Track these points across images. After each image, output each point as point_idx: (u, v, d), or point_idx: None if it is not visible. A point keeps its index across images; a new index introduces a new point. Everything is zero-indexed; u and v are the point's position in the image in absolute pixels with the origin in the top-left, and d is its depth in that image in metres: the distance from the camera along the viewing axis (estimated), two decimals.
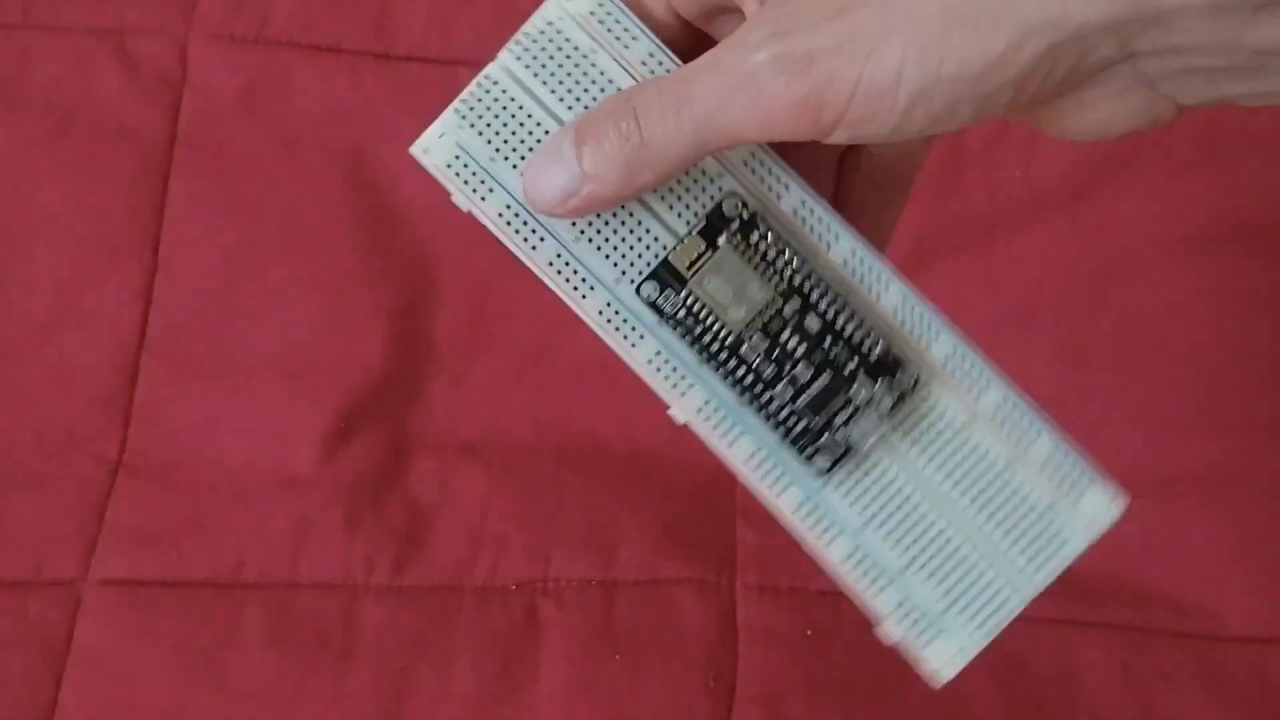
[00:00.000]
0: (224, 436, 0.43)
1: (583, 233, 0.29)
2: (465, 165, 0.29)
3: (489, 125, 0.29)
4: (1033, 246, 0.46)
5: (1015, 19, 0.24)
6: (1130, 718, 0.40)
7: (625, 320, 0.29)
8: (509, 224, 0.29)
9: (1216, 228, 0.46)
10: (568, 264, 0.29)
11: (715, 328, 0.29)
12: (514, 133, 0.29)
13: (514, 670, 0.39)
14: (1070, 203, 0.47)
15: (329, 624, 0.40)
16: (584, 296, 0.29)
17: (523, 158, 0.29)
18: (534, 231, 0.29)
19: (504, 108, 0.29)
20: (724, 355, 0.29)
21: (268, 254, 0.45)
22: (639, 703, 0.39)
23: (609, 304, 0.29)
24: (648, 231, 0.29)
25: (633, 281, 0.29)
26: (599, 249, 0.29)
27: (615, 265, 0.29)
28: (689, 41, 0.30)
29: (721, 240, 0.29)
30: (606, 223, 0.29)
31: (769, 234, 0.29)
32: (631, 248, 0.29)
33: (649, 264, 0.29)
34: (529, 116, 0.29)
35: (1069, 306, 0.45)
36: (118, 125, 0.46)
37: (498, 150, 0.29)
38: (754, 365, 0.29)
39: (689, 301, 0.29)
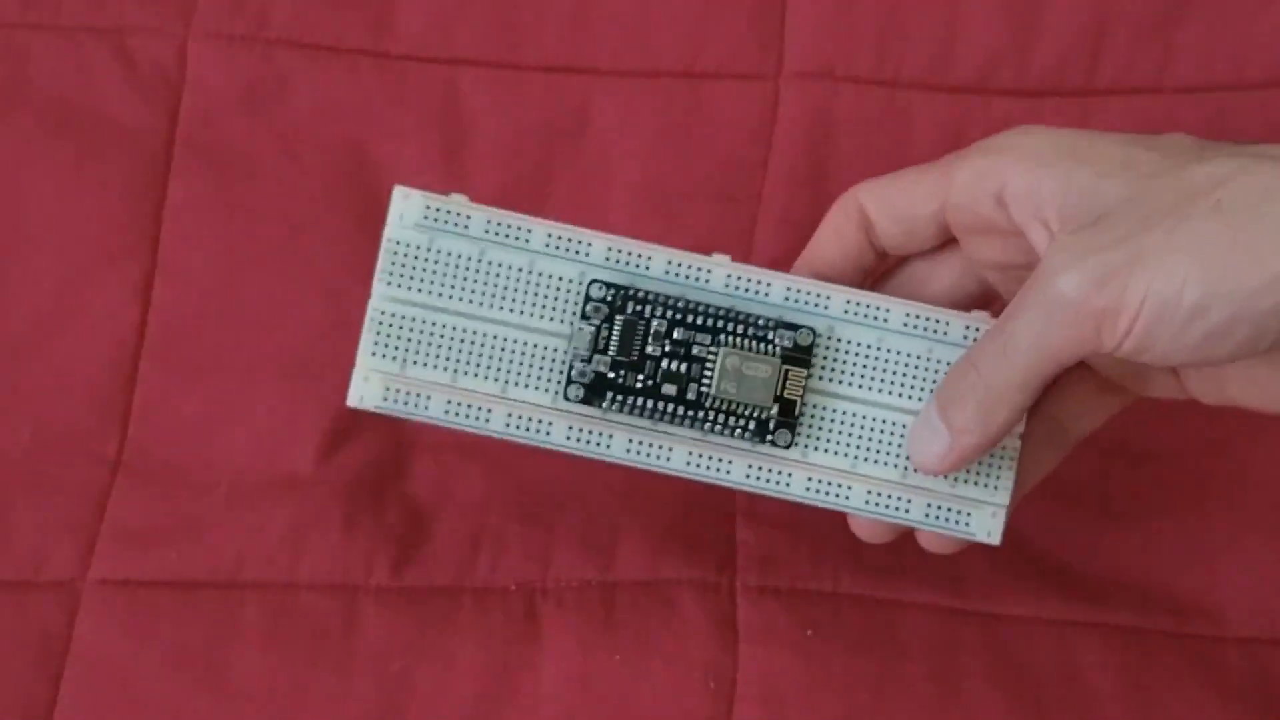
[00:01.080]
0: (224, 436, 0.43)
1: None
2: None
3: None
4: None
5: None
6: (1130, 718, 0.40)
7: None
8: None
9: None
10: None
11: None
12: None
13: (514, 670, 0.39)
14: None
15: (329, 624, 0.40)
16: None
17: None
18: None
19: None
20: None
21: (268, 254, 0.45)
22: (639, 703, 0.39)
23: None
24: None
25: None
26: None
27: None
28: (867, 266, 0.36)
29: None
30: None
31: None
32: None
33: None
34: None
35: None
36: (117, 125, 0.46)
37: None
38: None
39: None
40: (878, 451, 0.34)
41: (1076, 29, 0.47)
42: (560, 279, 0.33)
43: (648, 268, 0.33)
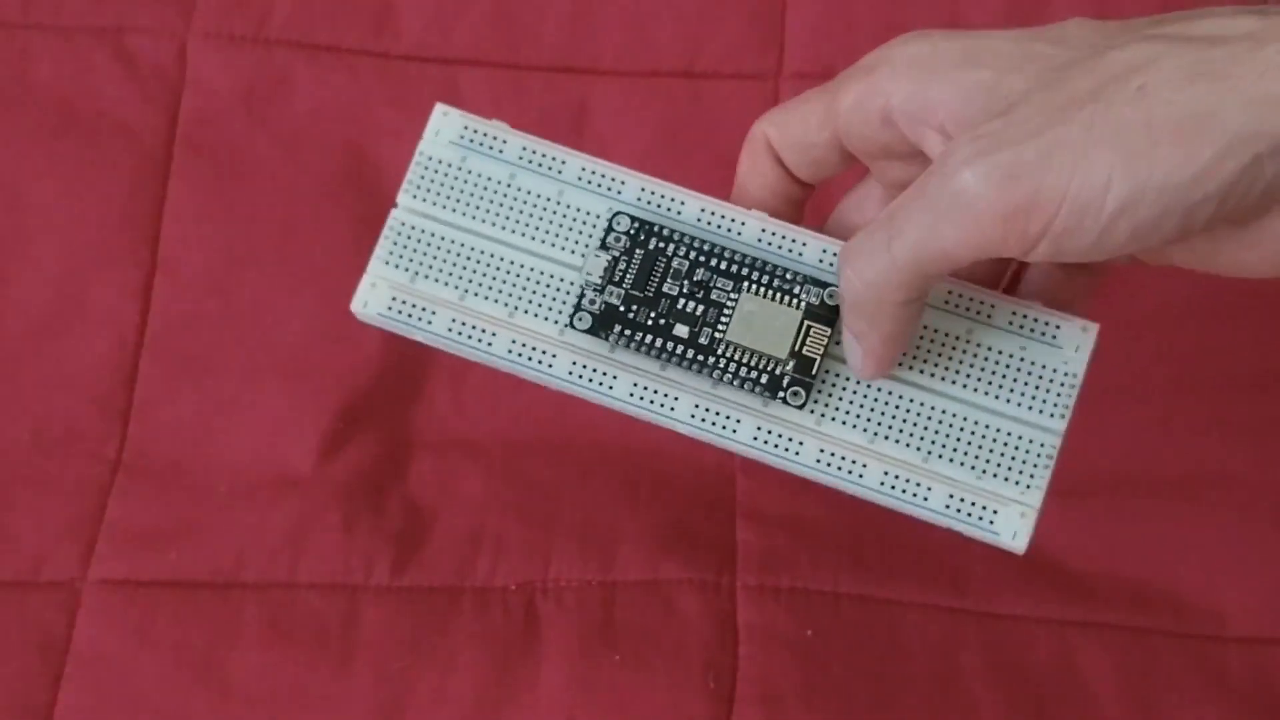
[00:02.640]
0: (223, 436, 0.43)
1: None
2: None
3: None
4: None
5: (1221, 129, 0.25)
6: (1130, 718, 0.40)
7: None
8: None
9: None
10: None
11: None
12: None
13: (514, 670, 0.39)
14: None
15: (328, 624, 0.40)
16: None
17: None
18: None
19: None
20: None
21: (267, 254, 0.45)
22: (638, 703, 0.39)
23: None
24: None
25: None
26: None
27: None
28: (798, 205, 0.33)
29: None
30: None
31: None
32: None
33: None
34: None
35: None
36: (117, 125, 0.46)
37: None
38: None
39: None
40: (900, 431, 0.31)
41: None
42: (588, 213, 0.32)
43: (679, 213, 0.32)
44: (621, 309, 0.31)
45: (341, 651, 0.40)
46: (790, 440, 0.31)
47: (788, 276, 0.31)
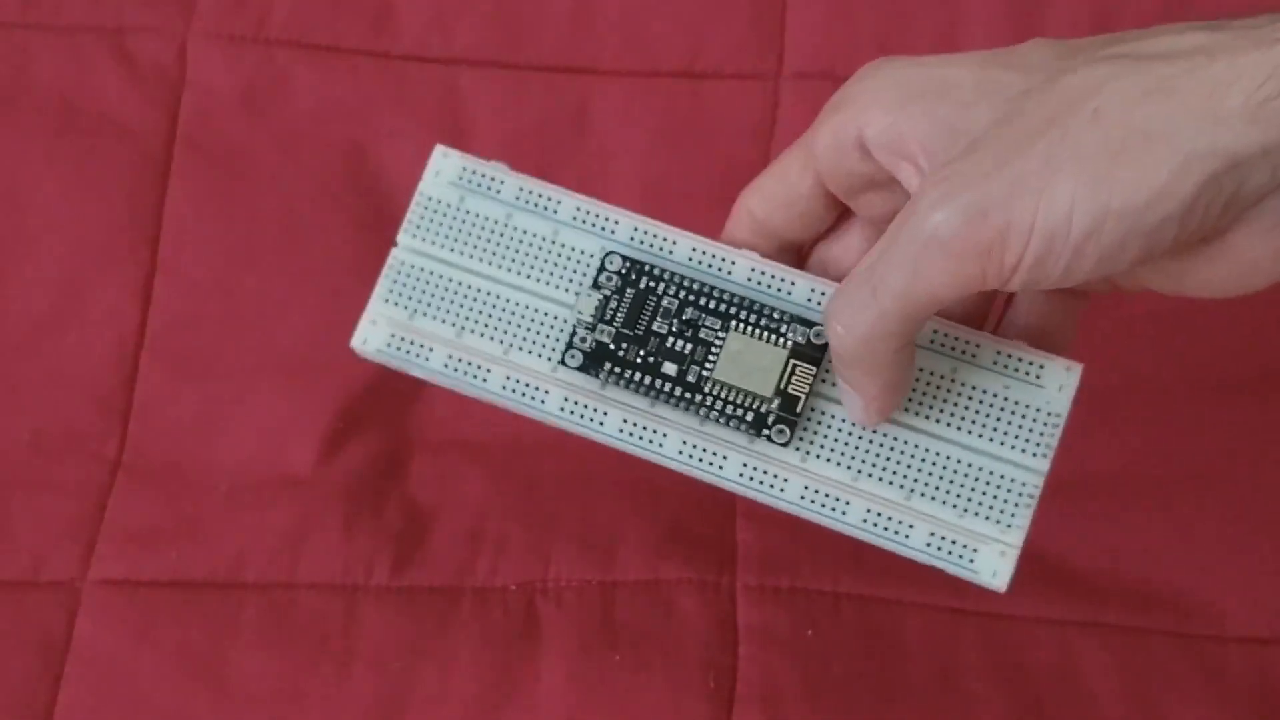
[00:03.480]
0: (224, 436, 0.43)
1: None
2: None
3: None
4: None
5: (1176, 149, 0.25)
6: (1130, 718, 0.40)
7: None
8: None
9: None
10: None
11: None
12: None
13: (514, 670, 0.39)
14: None
15: (329, 624, 0.40)
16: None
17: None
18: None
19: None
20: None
21: (267, 253, 0.45)
22: (638, 703, 0.39)
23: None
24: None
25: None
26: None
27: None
28: (827, 213, 0.33)
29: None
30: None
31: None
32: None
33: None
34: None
35: None
36: (117, 124, 0.46)
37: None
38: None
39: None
40: (883, 468, 0.31)
41: (1077, 29, 0.47)
42: (581, 251, 0.33)
43: (671, 252, 0.33)
44: (612, 347, 0.32)
45: (341, 651, 0.40)
46: (775, 477, 0.32)
47: (775, 315, 0.32)
